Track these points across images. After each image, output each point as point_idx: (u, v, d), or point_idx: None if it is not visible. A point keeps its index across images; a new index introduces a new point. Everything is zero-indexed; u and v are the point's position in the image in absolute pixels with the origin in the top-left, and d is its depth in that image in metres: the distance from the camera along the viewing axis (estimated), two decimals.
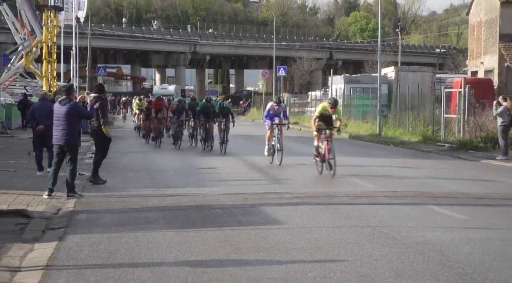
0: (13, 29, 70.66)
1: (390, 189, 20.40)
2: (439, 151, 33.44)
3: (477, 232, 13.96)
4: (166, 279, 10.52)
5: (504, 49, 54.54)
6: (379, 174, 24.91)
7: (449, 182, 22.52)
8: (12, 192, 19.23)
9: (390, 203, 17.98)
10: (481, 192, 20.04)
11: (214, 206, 17.68)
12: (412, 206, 17.44)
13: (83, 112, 19.92)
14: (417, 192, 18.00)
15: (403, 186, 20.66)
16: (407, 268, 11.14)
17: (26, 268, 11.50)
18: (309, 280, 10.44)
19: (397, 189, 19.97)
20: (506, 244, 12.94)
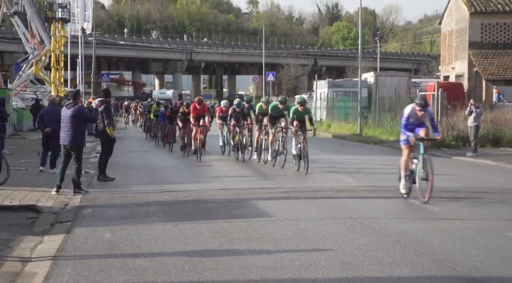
0: (24, 40, 70.73)
1: (370, 183, 20.41)
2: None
3: (450, 223, 13.97)
4: (164, 268, 10.51)
5: (473, 55, 54.64)
6: (360, 170, 24.91)
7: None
8: (23, 189, 19.20)
9: (370, 196, 17.99)
10: (454, 185, 20.07)
11: (209, 201, 17.68)
12: (390, 199, 17.46)
13: (87, 115, 19.95)
14: (395, 186, 17.99)
15: (382, 180, 20.66)
16: (385, 256, 11.14)
17: (36, 258, 11.50)
18: (296, 268, 10.43)
19: (376, 184, 19.96)
20: (476, 233, 12.96)
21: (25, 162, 25.87)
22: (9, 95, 44.54)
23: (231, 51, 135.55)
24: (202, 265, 10.67)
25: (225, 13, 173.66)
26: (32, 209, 16.35)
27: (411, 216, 14.97)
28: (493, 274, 9.99)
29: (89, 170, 23.95)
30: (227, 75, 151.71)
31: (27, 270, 10.69)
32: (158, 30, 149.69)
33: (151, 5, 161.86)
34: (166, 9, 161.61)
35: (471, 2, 56.22)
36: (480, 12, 55.50)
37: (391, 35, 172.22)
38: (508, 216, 14.93)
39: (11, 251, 12.03)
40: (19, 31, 71.22)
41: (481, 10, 55.55)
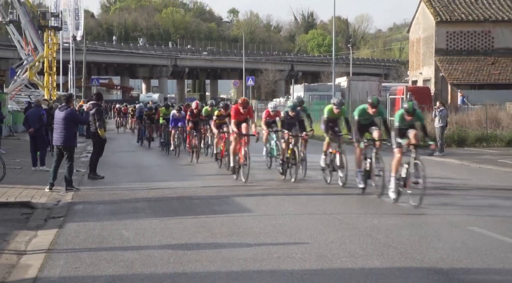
0: (19, 47, 70.63)
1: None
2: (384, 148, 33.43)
3: (417, 218, 14.04)
4: (151, 260, 10.50)
5: (439, 61, 54.87)
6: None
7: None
8: (19, 186, 19.18)
9: (342, 193, 18.02)
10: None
11: (193, 197, 17.69)
12: (361, 196, 17.48)
13: (78, 118, 19.97)
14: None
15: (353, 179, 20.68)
16: (358, 249, 11.17)
17: (30, 251, 11.47)
18: (274, 260, 10.44)
19: (348, 182, 19.97)
20: (441, 227, 13.00)
21: (20, 161, 25.79)
22: (5, 99, 44.41)
23: (213, 57, 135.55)
24: (187, 257, 10.67)
25: (207, 21, 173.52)
26: (26, 205, 16.32)
27: (381, 211, 15.00)
28: (458, 265, 10.04)
29: (80, 168, 23.90)
30: (210, 79, 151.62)
31: (22, 262, 10.67)
32: (145, 38, 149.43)
33: (138, 14, 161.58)
34: (152, 17, 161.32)
35: (437, 11, 56.48)
36: (445, 21, 55.76)
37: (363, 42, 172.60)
38: (471, 212, 14.97)
39: (7, 244, 12.00)
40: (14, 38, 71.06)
41: (446, 19, 55.81)
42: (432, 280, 9.30)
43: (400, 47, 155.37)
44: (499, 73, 54.01)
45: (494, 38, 56.13)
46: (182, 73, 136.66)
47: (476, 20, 55.98)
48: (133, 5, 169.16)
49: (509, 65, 54.77)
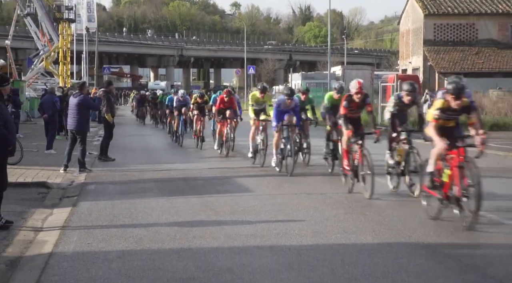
0: (36, 38, 70.60)
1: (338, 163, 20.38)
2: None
3: (406, 197, 14.00)
4: (159, 237, 10.50)
5: (427, 51, 54.84)
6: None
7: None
8: (35, 168, 19.18)
9: (338, 174, 17.97)
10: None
11: (198, 178, 17.69)
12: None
13: (90, 104, 19.97)
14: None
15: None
16: (351, 226, 11.17)
17: (46, 228, 11.49)
18: (273, 236, 10.44)
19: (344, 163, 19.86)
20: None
21: (37, 144, 25.77)
22: (23, 86, 44.47)
23: (217, 47, 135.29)
24: (192, 234, 10.67)
25: (211, 14, 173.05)
26: (43, 185, 16.35)
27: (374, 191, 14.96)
28: (444, 241, 10.05)
29: (92, 151, 23.88)
30: (213, 68, 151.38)
31: (39, 238, 10.68)
32: (153, 29, 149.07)
33: (146, 7, 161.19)
34: (160, 10, 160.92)
35: (425, 5, 56.41)
36: (433, 14, 55.72)
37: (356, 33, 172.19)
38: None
39: (25, 221, 12.02)
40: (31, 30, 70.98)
41: (434, 12, 55.75)
42: (419, 254, 9.30)
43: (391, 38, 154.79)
44: (482, 62, 53.97)
45: (478, 30, 56.11)
46: (188, 62, 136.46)
47: (461, 13, 55.95)
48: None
49: (492, 55, 54.77)
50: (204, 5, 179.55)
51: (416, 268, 8.58)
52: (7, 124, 11.33)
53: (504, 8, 56.46)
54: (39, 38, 70.43)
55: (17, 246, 10.19)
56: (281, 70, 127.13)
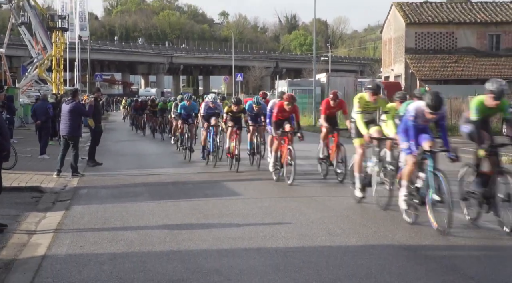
0: (30, 46, 70.42)
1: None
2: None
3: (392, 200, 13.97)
4: (149, 239, 10.48)
5: (409, 59, 55.07)
6: (314, 156, 24.87)
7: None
8: (29, 172, 19.13)
9: (322, 178, 17.98)
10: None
11: (187, 182, 17.69)
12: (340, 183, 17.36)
13: (83, 111, 19.89)
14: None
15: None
16: (336, 228, 11.18)
17: (40, 231, 11.46)
18: (260, 239, 10.44)
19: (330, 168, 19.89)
20: None
21: (30, 149, 25.69)
22: (17, 93, 44.38)
23: (206, 55, 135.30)
24: (181, 236, 10.66)
25: (200, 23, 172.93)
26: (36, 190, 16.32)
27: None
28: (424, 243, 10.07)
29: (85, 156, 23.81)
30: (202, 75, 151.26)
31: (32, 241, 10.65)
32: (144, 38, 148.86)
33: (137, 16, 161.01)
34: (150, 19, 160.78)
35: (407, 14, 56.62)
36: (414, 23, 55.96)
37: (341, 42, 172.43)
38: None
39: (19, 225, 11.99)
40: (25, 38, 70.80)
41: (415, 21, 55.99)
42: (401, 255, 9.32)
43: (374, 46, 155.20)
44: (461, 70, 54.24)
45: (457, 39, 56.41)
46: (177, 70, 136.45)
47: (442, 22, 56.24)
48: (133, 8, 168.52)
49: (471, 63, 55.05)
50: (193, 14, 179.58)
51: (398, 269, 8.60)
52: (1, 130, 11.34)
53: (482, 17, 56.75)
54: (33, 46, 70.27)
55: (11, 248, 10.15)
56: (267, 77, 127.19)
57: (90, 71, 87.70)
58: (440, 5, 59.95)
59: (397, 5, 58.55)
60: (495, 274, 8.44)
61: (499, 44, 56.51)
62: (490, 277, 8.29)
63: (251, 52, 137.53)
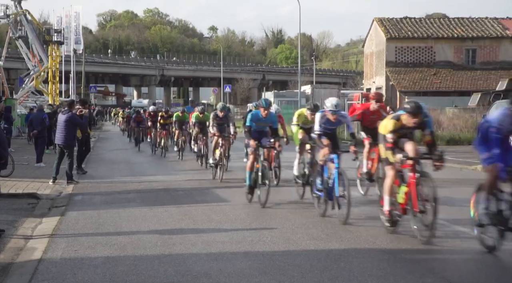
0: (26, 59, 70.50)
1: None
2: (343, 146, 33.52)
3: (371, 208, 13.99)
4: (141, 243, 10.47)
5: (389, 72, 55.23)
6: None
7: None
8: (26, 180, 19.08)
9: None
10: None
11: (178, 189, 17.67)
12: None
13: (78, 121, 19.79)
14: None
15: None
16: (320, 233, 11.20)
17: (36, 236, 11.43)
18: (247, 243, 10.45)
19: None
20: None
21: (27, 158, 25.63)
22: (15, 104, 44.25)
23: (195, 68, 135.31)
24: (172, 241, 10.65)
25: (190, 37, 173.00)
26: (33, 196, 16.28)
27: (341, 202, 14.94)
28: (404, 247, 10.10)
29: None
30: (192, 87, 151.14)
31: (29, 246, 10.63)
32: (136, 51, 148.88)
33: (130, 30, 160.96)
34: (143, 33, 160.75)
35: (387, 29, 56.84)
36: (394, 37, 56.16)
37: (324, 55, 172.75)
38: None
39: (16, 230, 11.95)
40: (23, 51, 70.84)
41: (395, 36, 56.19)
42: (382, 259, 9.34)
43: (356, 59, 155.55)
44: (440, 82, 54.45)
45: (435, 53, 56.64)
46: (169, 81, 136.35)
47: (420, 37, 56.47)
48: (126, 23, 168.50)
49: (448, 75, 55.27)
50: (184, 29, 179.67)
51: (379, 271, 8.62)
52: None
53: (459, 32, 57.04)
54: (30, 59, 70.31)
55: (8, 252, 10.12)
56: (255, 89, 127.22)
57: (85, 83, 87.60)
58: (419, 21, 60.21)
59: (378, 21, 58.79)
60: (470, 277, 8.48)
61: (475, 58, 56.77)
62: (466, 280, 8.33)
63: (239, 65, 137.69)
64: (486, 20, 59.52)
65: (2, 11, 69.93)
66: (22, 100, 63.78)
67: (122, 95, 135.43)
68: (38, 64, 69.64)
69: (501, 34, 57.03)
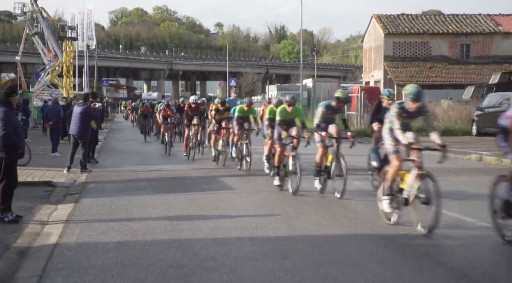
0: (42, 54, 70.53)
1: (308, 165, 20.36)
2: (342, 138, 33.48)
3: (369, 196, 13.94)
4: (151, 229, 10.49)
5: (387, 66, 55.11)
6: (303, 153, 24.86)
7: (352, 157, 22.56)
8: (42, 169, 19.10)
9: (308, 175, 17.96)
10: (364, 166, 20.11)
11: (186, 178, 17.68)
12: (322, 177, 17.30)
13: (92, 113, 19.80)
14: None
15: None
16: (321, 220, 11.21)
17: (52, 222, 11.45)
18: (252, 229, 10.46)
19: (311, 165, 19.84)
20: None
21: (43, 148, 25.64)
22: (31, 97, 44.32)
23: (202, 62, 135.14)
24: (180, 226, 10.67)
25: (197, 33, 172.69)
26: (48, 184, 16.31)
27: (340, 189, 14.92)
28: (402, 232, 10.11)
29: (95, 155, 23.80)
30: (199, 81, 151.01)
31: (45, 231, 10.65)
32: (146, 46, 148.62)
33: (140, 27, 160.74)
34: (152, 30, 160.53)
35: (385, 25, 56.72)
36: (392, 33, 56.03)
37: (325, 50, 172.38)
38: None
39: (33, 216, 11.97)
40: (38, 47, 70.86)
41: (393, 32, 56.07)
42: (380, 244, 9.35)
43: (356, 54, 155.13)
44: (435, 76, 54.33)
45: (431, 48, 56.52)
46: (177, 75, 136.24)
47: (417, 32, 56.34)
48: (136, 19, 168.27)
49: (443, 69, 55.16)
50: (191, 25, 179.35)
51: (377, 256, 8.63)
52: (16, 130, 11.37)
53: (454, 28, 56.90)
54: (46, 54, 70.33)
55: (26, 237, 10.15)
56: (259, 82, 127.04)
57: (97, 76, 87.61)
58: (416, 17, 60.08)
59: (376, 17, 58.66)
60: (463, 260, 8.47)
61: (469, 53, 56.63)
62: (459, 263, 8.33)
63: (243, 60, 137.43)
64: (480, 16, 59.36)
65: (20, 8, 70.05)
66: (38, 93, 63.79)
67: (133, 89, 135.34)
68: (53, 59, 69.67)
69: (494, 30, 56.89)
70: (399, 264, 8.22)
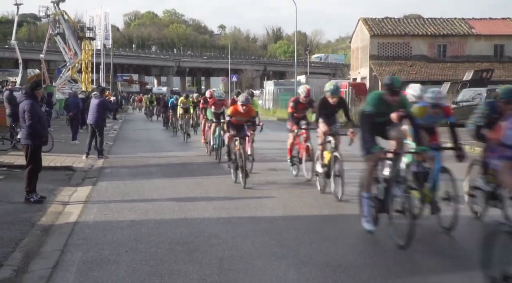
0: (64, 52, 70.45)
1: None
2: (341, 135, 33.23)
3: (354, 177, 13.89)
4: (161, 209, 10.50)
5: (373, 64, 55.06)
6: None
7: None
8: (63, 155, 19.09)
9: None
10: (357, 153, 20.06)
11: (193, 163, 17.68)
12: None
13: (108, 105, 19.83)
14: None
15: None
16: (313, 202, 11.24)
17: (72, 202, 11.45)
18: (252, 209, 10.48)
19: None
20: None
21: (64, 136, 25.61)
22: (54, 90, 44.26)
23: (207, 60, 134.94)
24: (187, 207, 10.68)
25: (203, 34, 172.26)
26: (69, 169, 16.30)
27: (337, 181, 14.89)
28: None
29: (108, 142, 23.78)
30: (204, 77, 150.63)
31: (66, 210, 10.65)
32: (156, 46, 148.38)
33: (151, 28, 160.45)
34: (162, 31, 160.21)
35: (371, 27, 56.67)
36: (377, 34, 55.98)
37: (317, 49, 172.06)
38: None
39: (55, 197, 11.97)
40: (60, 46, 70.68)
41: (378, 33, 56.02)
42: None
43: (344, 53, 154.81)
44: (415, 73, 54.28)
45: (412, 48, 56.47)
46: (184, 72, 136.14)
47: (399, 34, 56.30)
48: (148, 22, 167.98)
49: (423, 67, 55.15)
50: (197, 27, 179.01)
51: (363, 233, 8.63)
52: (40, 120, 11.40)
53: (432, 31, 56.88)
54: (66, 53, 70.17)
55: (49, 216, 10.15)
56: (257, 78, 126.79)
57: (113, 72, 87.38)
58: (398, 20, 59.99)
59: (363, 20, 58.61)
60: (445, 235, 8.48)
61: (445, 53, 56.61)
62: (441, 238, 8.33)
63: (244, 58, 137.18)
64: (455, 20, 59.31)
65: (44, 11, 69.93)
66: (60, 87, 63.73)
67: (144, 84, 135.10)
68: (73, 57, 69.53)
69: (468, 32, 56.89)
70: (384, 239, 8.23)
